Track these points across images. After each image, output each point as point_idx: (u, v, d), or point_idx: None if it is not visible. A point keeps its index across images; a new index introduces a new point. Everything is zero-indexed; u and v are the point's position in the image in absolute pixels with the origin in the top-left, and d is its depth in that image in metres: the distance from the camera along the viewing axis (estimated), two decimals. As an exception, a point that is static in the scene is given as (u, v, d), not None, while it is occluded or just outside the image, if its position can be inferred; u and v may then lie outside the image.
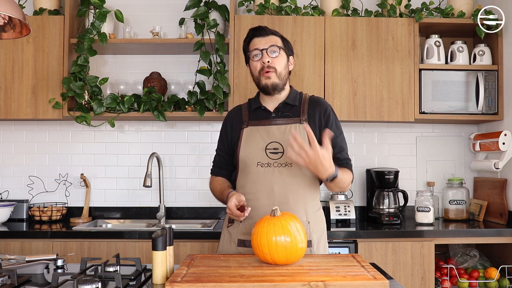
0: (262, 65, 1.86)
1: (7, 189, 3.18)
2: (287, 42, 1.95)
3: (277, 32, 1.95)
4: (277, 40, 1.90)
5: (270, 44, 1.87)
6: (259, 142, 1.85)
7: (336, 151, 1.88)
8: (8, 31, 1.59)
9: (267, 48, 1.86)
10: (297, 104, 1.92)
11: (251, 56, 1.90)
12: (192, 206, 3.20)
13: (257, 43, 1.89)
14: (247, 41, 1.93)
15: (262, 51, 1.86)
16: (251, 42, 1.91)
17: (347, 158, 1.93)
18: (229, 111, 2.08)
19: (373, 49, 2.91)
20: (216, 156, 2.05)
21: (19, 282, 1.36)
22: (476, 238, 2.67)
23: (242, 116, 1.95)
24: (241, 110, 1.99)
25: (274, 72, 1.86)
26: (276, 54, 1.87)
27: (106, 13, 2.94)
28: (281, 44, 1.91)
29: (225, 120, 2.02)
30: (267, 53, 1.86)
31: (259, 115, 1.92)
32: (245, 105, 2.01)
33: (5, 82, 2.88)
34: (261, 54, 1.87)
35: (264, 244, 1.49)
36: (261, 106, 1.93)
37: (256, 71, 1.89)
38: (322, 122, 1.89)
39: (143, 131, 3.23)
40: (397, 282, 1.42)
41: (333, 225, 2.85)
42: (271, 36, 1.90)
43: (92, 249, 2.58)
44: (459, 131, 3.29)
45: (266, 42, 1.88)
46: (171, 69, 3.21)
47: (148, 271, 1.54)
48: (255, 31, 1.91)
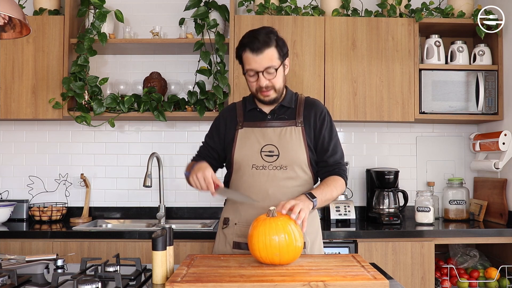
0: (259, 85, 1.80)
1: (7, 189, 3.18)
2: (281, 47, 1.81)
3: (270, 36, 1.79)
4: (272, 56, 1.78)
5: (266, 65, 1.76)
6: (254, 144, 1.84)
7: (328, 154, 1.87)
8: (8, 31, 1.59)
9: (263, 71, 1.77)
10: (293, 106, 1.90)
11: (247, 72, 1.82)
12: (192, 206, 3.20)
13: (251, 62, 1.78)
14: (240, 52, 1.81)
15: (258, 73, 1.78)
16: (245, 55, 1.79)
17: (339, 162, 1.90)
18: (223, 109, 2.05)
19: (373, 49, 2.91)
20: (202, 147, 2.00)
21: (19, 282, 1.36)
22: (476, 238, 2.67)
23: (237, 116, 1.92)
24: (235, 109, 1.95)
25: (273, 89, 1.81)
26: (273, 76, 1.80)
27: (106, 13, 2.94)
28: (276, 59, 1.79)
29: (219, 117, 1.98)
30: (264, 75, 1.78)
31: (254, 116, 1.90)
32: (239, 104, 1.97)
33: (5, 82, 2.88)
34: (257, 76, 1.79)
35: (261, 244, 1.49)
36: (256, 107, 1.91)
37: (253, 88, 1.83)
38: (317, 125, 1.88)
39: (143, 131, 3.23)
40: (397, 282, 1.42)
41: (333, 225, 2.85)
42: (266, 51, 1.76)
43: (92, 249, 2.58)
44: (459, 131, 3.28)
45: (261, 61, 1.76)
46: (171, 69, 3.21)
47: (148, 271, 1.54)
48: (248, 43, 1.77)
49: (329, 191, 1.79)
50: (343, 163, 1.92)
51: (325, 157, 1.88)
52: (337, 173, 1.88)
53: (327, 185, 1.81)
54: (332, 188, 1.81)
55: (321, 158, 1.88)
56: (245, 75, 1.84)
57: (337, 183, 1.84)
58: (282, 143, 1.82)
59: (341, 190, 1.86)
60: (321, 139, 1.87)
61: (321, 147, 1.88)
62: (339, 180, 1.86)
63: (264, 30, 1.81)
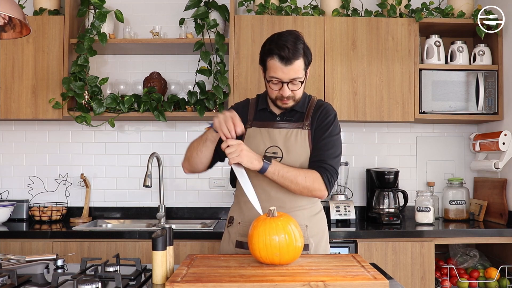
0: (281, 94, 1.76)
1: (7, 189, 3.18)
2: (308, 56, 1.76)
3: (298, 45, 1.72)
4: (299, 67, 1.72)
5: (292, 77, 1.72)
6: (259, 145, 1.82)
7: (316, 153, 1.79)
8: (8, 31, 1.59)
9: (288, 82, 1.73)
10: (304, 111, 1.86)
11: (269, 79, 1.76)
12: (192, 206, 3.20)
13: (278, 71, 1.71)
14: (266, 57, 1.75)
15: (283, 84, 1.74)
16: (271, 62, 1.72)
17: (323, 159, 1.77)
18: (237, 103, 1.99)
19: (373, 49, 2.91)
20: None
21: (19, 282, 1.36)
22: (476, 238, 2.68)
23: (248, 114, 1.90)
24: (248, 107, 1.93)
25: (292, 99, 1.79)
26: (298, 87, 1.76)
27: (106, 13, 2.94)
28: (302, 70, 1.74)
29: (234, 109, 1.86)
30: (288, 86, 1.74)
31: (264, 116, 1.88)
32: (253, 102, 1.95)
33: (5, 82, 2.88)
34: (281, 85, 1.74)
35: (261, 244, 1.49)
36: (267, 108, 1.88)
37: (273, 95, 1.80)
38: (319, 126, 1.83)
39: (143, 131, 3.23)
40: (397, 282, 1.42)
41: (333, 225, 2.85)
42: (295, 62, 1.70)
43: (92, 249, 2.58)
44: (459, 131, 3.28)
45: (288, 71, 1.71)
46: (171, 69, 3.21)
47: (148, 271, 1.54)
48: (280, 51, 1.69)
49: (293, 172, 1.72)
50: (330, 163, 1.78)
51: (314, 155, 1.80)
52: (317, 169, 1.76)
53: (295, 169, 1.74)
54: (299, 173, 1.72)
55: (312, 156, 1.81)
56: (266, 79, 1.79)
57: (309, 174, 1.74)
58: (286, 145, 1.80)
59: (311, 184, 1.73)
60: (314, 135, 1.82)
61: (313, 145, 1.82)
62: (314, 174, 1.75)
63: (292, 36, 1.73)
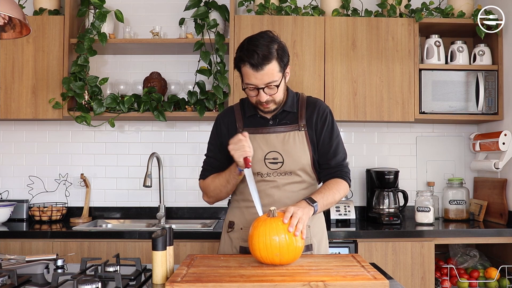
0: (258, 99, 1.74)
1: (7, 189, 3.18)
2: (282, 57, 1.71)
3: (271, 48, 1.68)
4: (273, 71, 1.69)
5: (267, 81, 1.69)
6: (257, 152, 1.79)
7: (329, 156, 1.84)
8: (8, 31, 1.59)
9: (264, 87, 1.70)
10: (295, 110, 1.85)
11: (245, 86, 1.74)
12: (192, 206, 3.20)
13: (251, 78, 1.69)
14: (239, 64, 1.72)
15: (259, 89, 1.71)
16: (244, 69, 1.70)
17: (341, 163, 1.85)
18: (220, 114, 1.94)
19: (373, 49, 2.91)
20: (208, 159, 1.91)
21: (19, 282, 1.36)
22: (476, 238, 2.67)
23: (236, 121, 1.86)
24: (234, 114, 1.88)
25: (273, 102, 1.76)
26: (275, 91, 1.73)
27: (106, 13, 2.94)
28: (277, 73, 1.70)
29: (218, 123, 1.90)
30: (264, 91, 1.71)
31: (255, 122, 1.84)
32: (237, 108, 1.90)
33: (5, 82, 2.88)
34: (258, 91, 1.72)
35: (261, 244, 1.49)
36: (257, 114, 1.84)
37: (253, 100, 1.78)
38: (318, 126, 1.84)
39: (143, 131, 3.23)
40: (397, 282, 1.42)
41: (333, 225, 2.85)
42: (266, 67, 1.67)
43: (92, 249, 2.58)
44: (459, 131, 3.28)
45: (262, 77, 1.68)
46: (171, 69, 3.21)
47: (148, 271, 1.54)
48: (249, 58, 1.66)
49: (330, 194, 1.76)
50: (346, 164, 1.88)
51: (326, 159, 1.84)
52: (339, 176, 1.84)
53: (328, 189, 1.78)
54: (334, 192, 1.78)
55: (323, 160, 1.85)
56: (242, 86, 1.77)
57: (339, 186, 1.81)
58: (286, 149, 1.79)
59: (343, 193, 1.82)
60: (321, 140, 1.84)
61: (322, 149, 1.84)
62: (341, 183, 1.82)
63: (264, 40, 1.70)
